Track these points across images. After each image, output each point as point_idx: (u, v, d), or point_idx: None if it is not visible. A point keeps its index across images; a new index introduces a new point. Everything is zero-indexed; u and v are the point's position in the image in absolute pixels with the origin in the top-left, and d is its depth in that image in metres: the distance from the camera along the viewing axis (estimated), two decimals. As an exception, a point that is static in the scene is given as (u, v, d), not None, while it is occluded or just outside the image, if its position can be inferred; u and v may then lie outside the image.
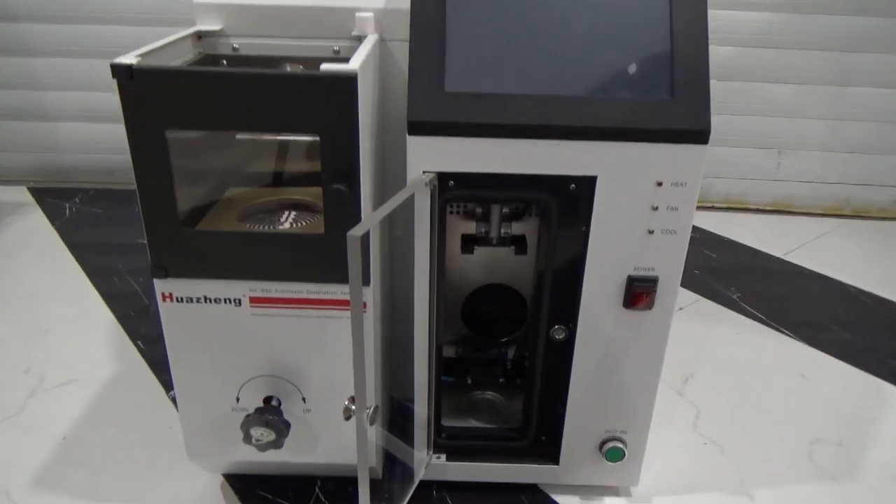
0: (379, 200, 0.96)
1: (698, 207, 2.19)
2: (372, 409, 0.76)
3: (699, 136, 0.83)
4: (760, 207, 2.20)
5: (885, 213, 2.18)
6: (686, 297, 1.69)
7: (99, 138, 2.19)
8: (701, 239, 2.00)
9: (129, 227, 1.96)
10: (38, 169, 2.23)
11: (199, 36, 0.97)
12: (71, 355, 1.40)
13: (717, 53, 2.00)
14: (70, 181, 2.24)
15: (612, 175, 0.85)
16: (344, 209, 0.80)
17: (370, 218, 0.71)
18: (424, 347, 0.97)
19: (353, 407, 0.75)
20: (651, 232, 0.88)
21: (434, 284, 0.92)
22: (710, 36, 1.98)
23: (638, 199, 0.86)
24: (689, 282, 1.75)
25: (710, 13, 1.92)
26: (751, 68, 2.02)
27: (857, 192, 2.15)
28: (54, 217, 2.02)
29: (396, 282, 1.14)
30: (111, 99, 2.07)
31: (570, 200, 0.88)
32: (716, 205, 2.21)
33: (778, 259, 1.89)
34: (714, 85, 2.03)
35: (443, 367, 1.05)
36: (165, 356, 0.93)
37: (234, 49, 0.98)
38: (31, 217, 2.02)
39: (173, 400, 0.98)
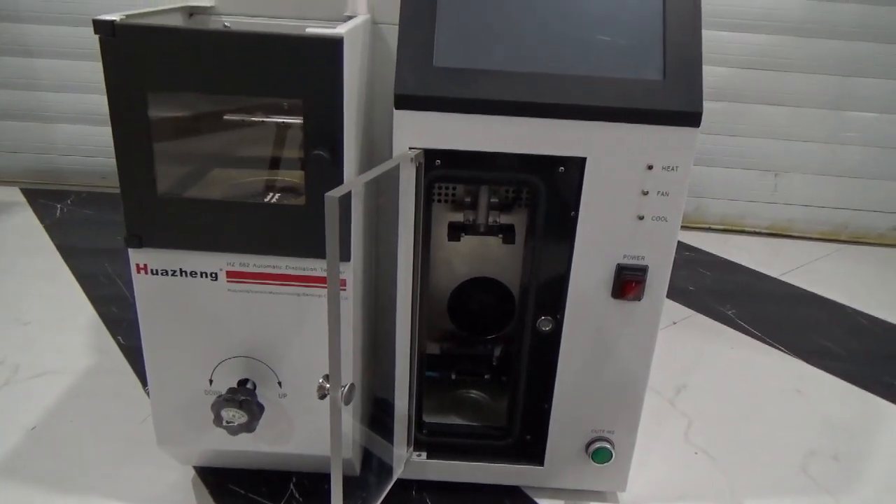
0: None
1: (694, 228, 2.18)
2: (347, 387, 0.73)
3: (692, 118, 0.82)
4: (757, 230, 2.18)
5: (883, 240, 2.16)
6: (680, 311, 1.66)
7: (94, 141, 2.18)
8: (696, 258, 1.98)
9: (120, 230, 1.94)
10: (32, 170, 2.22)
11: (191, 13, 0.97)
12: (48, 348, 1.37)
13: (714, 74, 2.01)
14: (63, 183, 2.23)
15: (601, 157, 0.83)
16: (325, 177, 0.78)
17: (352, 182, 0.69)
18: (406, 336, 0.94)
19: (328, 385, 0.72)
20: (641, 218, 0.86)
21: (418, 267, 0.90)
22: (707, 56, 2.00)
23: (628, 183, 0.85)
24: (683, 298, 1.72)
25: (707, 34, 1.94)
26: (747, 90, 2.03)
27: (854, 217, 2.14)
28: (44, 217, 2.00)
29: (383, 278, 1.12)
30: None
31: (559, 183, 0.86)
32: (713, 226, 2.19)
33: (774, 279, 1.87)
34: (710, 105, 2.04)
35: (426, 360, 1.02)
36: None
37: (225, 27, 0.97)
38: (21, 216, 2.00)
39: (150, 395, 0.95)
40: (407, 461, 1.01)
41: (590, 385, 0.96)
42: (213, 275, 0.86)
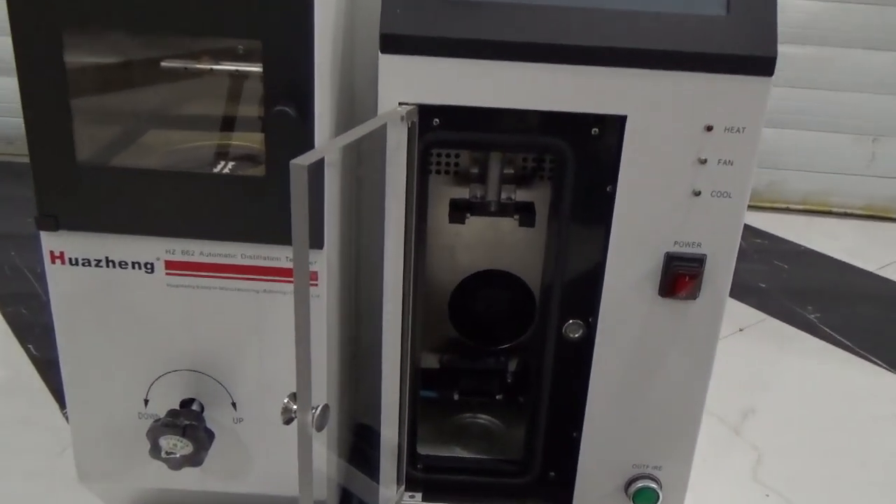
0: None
1: (767, 209, 2.19)
2: (319, 409, 0.74)
3: (763, 65, 0.82)
4: (849, 211, 2.19)
5: None
6: (749, 315, 1.67)
7: (-4, 95, 2.19)
8: (770, 247, 1.99)
9: (30, 210, 1.95)
10: (-82, 133, 2.23)
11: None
12: (-60, 359, 1.39)
13: (795, 9, 2.00)
14: (-42, 150, 2.24)
15: (646, 114, 0.84)
16: (291, 141, 0.78)
17: (325, 146, 0.70)
18: (396, 346, 0.95)
19: (295, 406, 0.73)
20: (697, 194, 0.87)
21: (411, 257, 0.91)
22: (787, -14, 2.00)
23: (681, 149, 0.85)
24: (752, 298, 1.73)
25: (787, -44, 1.93)
26: (838, 30, 2.02)
27: (974, 194, 2.14)
28: (-67, 193, 2.02)
29: (366, 271, 1.12)
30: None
31: (592, 149, 0.86)
32: (792, 206, 2.20)
33: (870, 274, 1.88)
34: (789, 50, 2.03)
35: (421, 377, 1.03)
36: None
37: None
38: None
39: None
40: (397, 504, 1.03)
41: (631, 407, 0.96)
42: (149, 265, 0.87)
